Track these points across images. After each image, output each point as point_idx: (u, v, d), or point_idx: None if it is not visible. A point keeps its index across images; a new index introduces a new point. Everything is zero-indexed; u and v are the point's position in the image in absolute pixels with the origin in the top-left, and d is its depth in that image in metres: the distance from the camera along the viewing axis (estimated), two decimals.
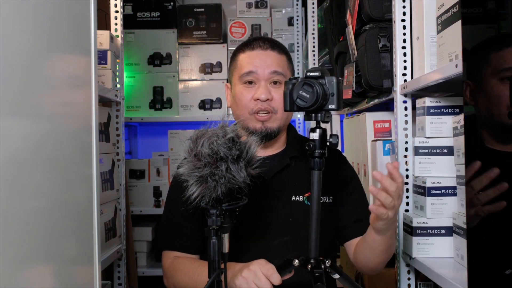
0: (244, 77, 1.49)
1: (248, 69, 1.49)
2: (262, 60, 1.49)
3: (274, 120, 1.48)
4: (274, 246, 1.46)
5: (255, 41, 1.53)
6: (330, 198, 1.52)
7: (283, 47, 1.56)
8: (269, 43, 1.53)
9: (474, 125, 1.17)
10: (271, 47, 1.52)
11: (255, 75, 1.48)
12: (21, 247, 0.81)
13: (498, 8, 1.17)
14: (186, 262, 1.49)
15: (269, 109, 1.47)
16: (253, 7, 3.24)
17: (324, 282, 1.17)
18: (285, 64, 1.53)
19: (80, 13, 1.08)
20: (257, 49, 1.51)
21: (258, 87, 1.48)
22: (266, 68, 1.48)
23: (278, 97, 1.47)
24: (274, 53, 1.51)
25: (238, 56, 1.54)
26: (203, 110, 3.10)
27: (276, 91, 1.48)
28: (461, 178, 1.43)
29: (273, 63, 1.49)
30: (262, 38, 1.56)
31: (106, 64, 2.15)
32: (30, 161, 0.84)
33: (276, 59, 1.51)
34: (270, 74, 1.48)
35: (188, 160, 1.12)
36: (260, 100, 1.46)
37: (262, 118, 1.47)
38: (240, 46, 1.56)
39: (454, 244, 1.46)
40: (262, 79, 1.48)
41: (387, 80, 1.80)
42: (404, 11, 1.67)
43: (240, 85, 1.50)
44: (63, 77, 0.99)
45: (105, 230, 2.06)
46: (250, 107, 1.47)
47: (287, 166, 1.52)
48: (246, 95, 1.48)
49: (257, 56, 1.50)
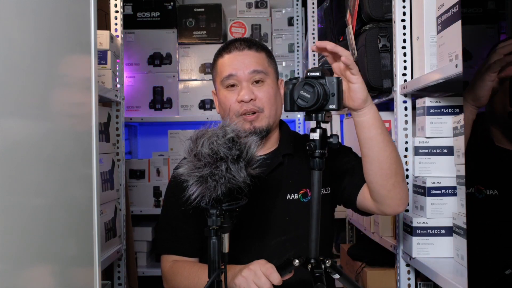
0: (225, 81, 1.49)
1: (228, 72, 1.48)
2: (240, 61, 1.48)
3: (262, 119, 1.47)
4: (271, 246, 1.46)
5: (231, 44, 1.53)
6: (327, 189, 1.51)
7: (260, 44, 1.55)
8: (245, 43, 1.52)
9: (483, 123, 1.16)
10: (247, 47, 1.51)
11: (236, 77, 1.47)
12: (21, 247, 0.81)
13: (498, 8, 1.17)
14: (186, 266, 1.48)
15: (255, 109, 1.46)
16: (253, 7, 3.24)
17: (324, 282, 1.17)
18: (264, 61, 1.51)
19: (80, 13, 1.08)
20: (234, 51, 1.50)
21: (240, 89, 1.47)
22: (245, 68, 1.47)
23: (262, 95, 1.47)
24: (251, 52, 1.50)
25: (217, 61, 1.54)
26: (203, 110, 3.10)
27: (259, 89, 1.48)
28: (461, 178, 1.43)
29: (252, 62, 1.48)
30: (238, 40, 1.54)
31: (106, 64, 2.15)
32: (30, 161, 0.84)
33: (255, 57, 1.50)
34: (250, 74, 1.47)
35: (188, 160, 1.12)
36: (244, 101, 1.45)
37: (250, 118, 1.46)
38: (218, 51, 1.56)
39: (454, 244, 1.46)
40: (243, 80, 1.47)
41: (387, 80, 1.80)
42: (404, 11, 1.67)
43: (223, 90, 1.50)
44: (63, 77, 0.99)
45: (105, 230, 2.06)
46: (235, 110, 1.47)
47: (280, 164, 1.52)
48: (230, 98, 1.48)
49: (235, 58, 1.49)
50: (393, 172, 1.33)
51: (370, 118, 1.29)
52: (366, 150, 1.33)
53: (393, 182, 1.33)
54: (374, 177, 1.34)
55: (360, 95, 1.27)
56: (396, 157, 1.34)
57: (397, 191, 1.35)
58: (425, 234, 1.53)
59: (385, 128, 1.33)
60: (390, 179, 1.33)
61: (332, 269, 1.23)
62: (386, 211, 1.40)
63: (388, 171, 1.32)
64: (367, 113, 1.29)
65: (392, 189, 1.34)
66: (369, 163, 1.34)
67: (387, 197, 1.35)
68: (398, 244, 1.69)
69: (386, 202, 1.36)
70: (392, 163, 1.32)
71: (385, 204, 1.37)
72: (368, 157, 1.33)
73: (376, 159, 1.32)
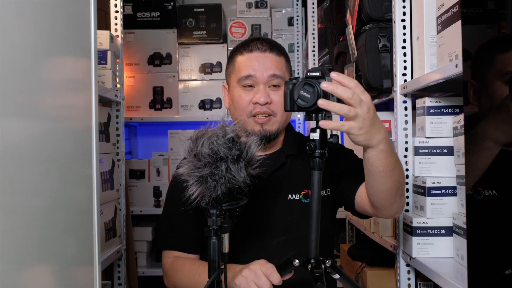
0: (242, 81, 1.47)
1: (247, 72, 1.46)
2: (261, 63, 1.46)
3: (273, 123, 1.46)
4: (272, 246, 1.46)
5: (253, 43, 1.50)
6: (327, 191, 1.50)
7: (281, 48, 1.53)
8: (268, 45, 1.50)
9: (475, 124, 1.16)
10: (269, 49, 1.49)
11: (254, 78, 1.45)
12: (21, 247, 0.81)
13: (498, 8, 1.17)
14: (187, 262, 1.48)
15: (268, 112, 1.45)
16: (253, 7, 3.24)
17: (324, 282, 1.17)
18: (283, 66, 1.50)
19: (80, 13, 1.08)
20: (256, 51, 1.48)
21: (257, 91, 1.45)
22: (265, 71, 1.45)
23: (277, 99, 1.45)
24: (272, 55, 1.48)
25: (236, 58, 1.51)
26: (203, 110, 3.10)
27: (275, 93, 1.46)
28: (461, 178, 1.43)
29: (272, 66, 1.46)
30: (260, 39, 1.52)
31: (106, 64, 2.15)
32: (30, 161, 0.84)
33: (275, 61, 1.48)
34: (269, 77, 1.45)
35: (188, 160, 1.12)
36: (259, 103, 1.44)
37: (261, 120, 1.45)
38: (238, 47, 1.53)
39: (454, 244, 1.46)
40: (261, 83, 1.45)
41: (387, 80, 1.80)
42: (404, 11, 1.67)
43: (239, 88, 1.48)
44: (63, 77, 0.99)
45: (105, 230, 2.06)
46: (248, 110, 1.45)
47: (283, 164, 1.51)
48: (245, 98, 1.46)
49: (256, 59, 1.47)
50: (394, 194, 1.30)
51: (373, 156, 1.22)
52: (368, 179, 1.30)
53: (393, 201, 1.32)
54: (374, 196, 1.33)
55: (358, 143, 1.20)
56: (398, 181, 1.29)
57: (395, 205, 1.35)
58: (425, 234, 1.53)
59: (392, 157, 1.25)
60: (390, 200, 1.32)
61: (332, 269, 1.23)
62: (383, 216, 1.42)
63: (389, 196, 1.30)
64: (370, 152, 1.22)
65: (391, 205, 1.34)
66: (370, 187, 1.31)
67: (385, 209, 1.35)
68: (398, 244, 1.69)
69: (383, 212, 1.38)
70: (394, 188, 1.29)
71: (383, 211, 1.37)
72: (369, 185, 1.31)
73: (378, 188, 1.29)
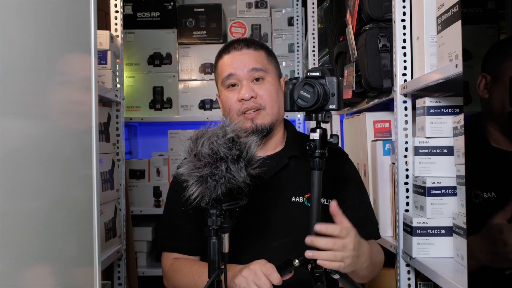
0: (225, 81, 1.50)
1: (228, 72, 1.49)
2: (239, 60, 1.50)
3: (264, 116, 1.47)
4: (273, 247, 1.45)
5: (230, 45, 1.54)
6: (329, 201, 1.50)
7: (259, 43, 1.56)
8: (244, 43, 1.53)
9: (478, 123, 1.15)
10: (246, 46, 1.52)
11: (235, 76, 1.49)
12: (21, 247, 0.81)
13: (498, 8, 1.17)
14: (187, 263, 1.48)
15: (256, 106, 1.46)
16: (253, 7, 3.24)
17: (324, 282, 1.17)
18: (263, 58, 1.52)
19: (80, 13, 1.08)
20: (233, 51, 1.52)
21: (241, 88, 1.48)
22: (244, 67, 1.48)
23: (263, 92, 1.47)
24: (250, 51, 1.51)
25: (218, 63, 1.55)
26: (203, 110, 3.10)
27: (260, 87, 1.48)
28: (461, 178, 1.43)
29: (250, 61, 1.49)
30: (237, 40, 1.56)
31: (106, 64, 2.15)
32: (30, 161, 0.84)
33: (253, 56, 1.51)
34: (249, 72, 1.48)
35: (188, 160, 1.12)
36: (244, 99, 1.46)
37: (251, 116, 1.46)
38: (218, 53, 1.57)
39: (454, 244, 1.46)
40: (243, 79, 1.48)
41: (387, 80, 1.80)
42: (404, 11, 1.67)
43: (224, 90, 1.51)
44: (63, 77, 0.99)
45: (105, 230, 2.06)
46: (237, 108, 1.47)
47: (286, 166, 1.51)
48: (232, 98, 1.49)
49: (234, 58, 1.51)
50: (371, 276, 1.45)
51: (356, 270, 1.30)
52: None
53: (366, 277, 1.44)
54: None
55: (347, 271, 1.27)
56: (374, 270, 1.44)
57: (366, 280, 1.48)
58: (425, 234, 1.53)
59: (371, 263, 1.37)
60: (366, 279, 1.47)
61: (332, 269, 1.23)
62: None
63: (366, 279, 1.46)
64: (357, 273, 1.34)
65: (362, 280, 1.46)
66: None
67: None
68: (398, 244, 1.69)
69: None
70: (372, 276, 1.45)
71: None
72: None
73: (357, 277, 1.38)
